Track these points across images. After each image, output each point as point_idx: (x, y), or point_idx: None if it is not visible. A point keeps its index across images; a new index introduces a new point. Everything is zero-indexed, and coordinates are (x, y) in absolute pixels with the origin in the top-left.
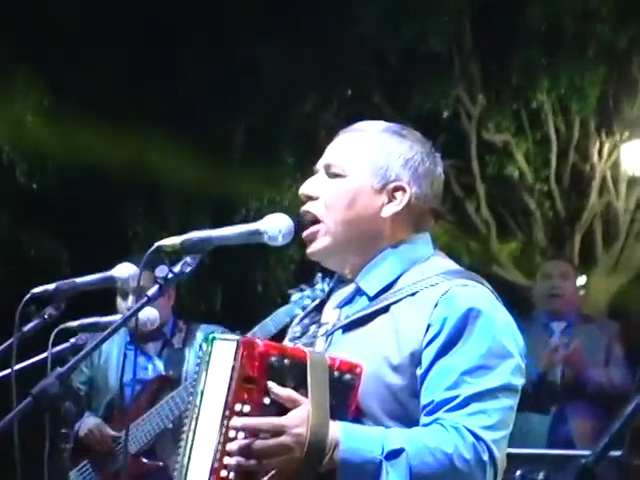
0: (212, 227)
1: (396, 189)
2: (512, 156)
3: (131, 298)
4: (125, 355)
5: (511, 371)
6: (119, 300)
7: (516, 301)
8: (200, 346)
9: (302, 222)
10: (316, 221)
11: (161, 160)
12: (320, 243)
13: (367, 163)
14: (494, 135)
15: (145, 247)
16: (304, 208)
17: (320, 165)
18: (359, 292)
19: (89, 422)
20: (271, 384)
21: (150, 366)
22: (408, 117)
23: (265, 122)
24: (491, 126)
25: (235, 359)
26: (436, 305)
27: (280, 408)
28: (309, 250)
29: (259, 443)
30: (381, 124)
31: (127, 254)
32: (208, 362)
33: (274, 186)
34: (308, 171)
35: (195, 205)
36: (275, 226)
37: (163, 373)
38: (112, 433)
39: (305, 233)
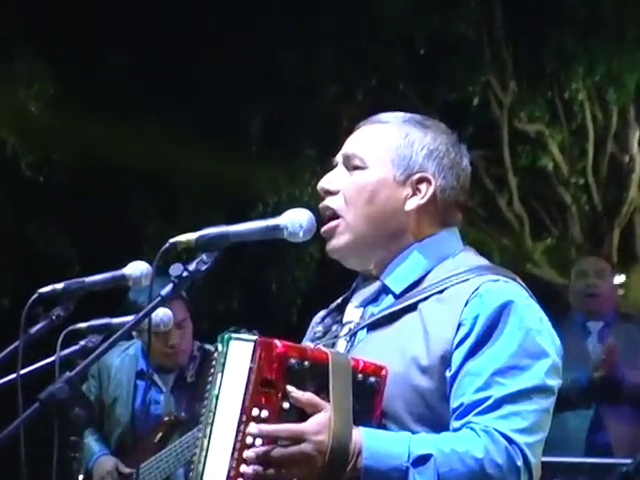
0: (227, 224)
1: (420, 181)
2: (546, 147)
3: None
4: (136, 385)
5: (546, 371)
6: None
7: (551, 301)
8: (215, 347)
9: (322, 218)
10: (335, 216)
11: (174, 153)
12: (340, 240)
13: (389, 154)
14: (527, 125)
15: (157, 244)
16: (323, 203)
17: (339, 158)
18: (384, 290)
19: (104, 465)
20: (290, 388)
21: (162, 398)
22: (435, 106)
23: (284, 112)
24: (523, 115)
25: (252, 361)
26: (467, 303)
27: (300, 413)
28: (328, 247)
29: (278, 451)
30: (403, 115)
31: (138, 251)
32: (224, 364)
33: (293, 180)
34: (329, 164)
35: (209, 200)
36: (296, 221)
37: (174, 412)
38: (125, 471)
39: (323, 229)
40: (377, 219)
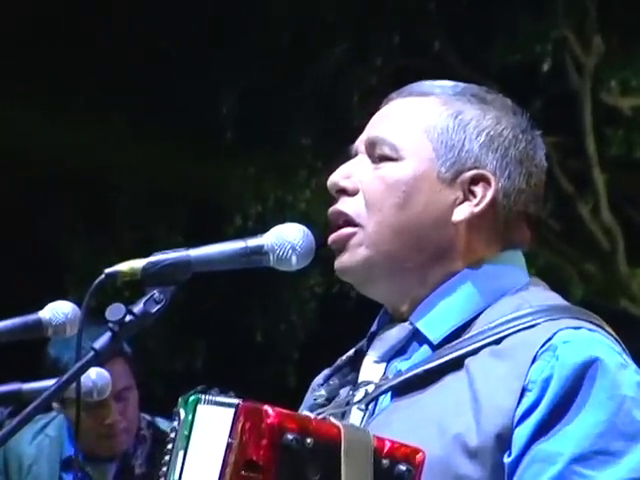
0: (188, 246)
1: (475, 180)
2: None
3: None
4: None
5: None
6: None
7: None
8: (175, 414)
9: (331, 229)
10: (351, 225)
11: (109, 144)
12: (355, 255)
13: (431, 140)
14: (619, 98)
15: (87, 275)
16: (334, 207)
17: (360, 144)
18: (416, 337)
19: None
20: None
21: None
22: (487, 73)
23: (268, 85)
24: (614, 85)
25: (232, 434)
26: (535, 359)
27: None
28: (337, 264)
29: None
30: (454, 85)
31: (60, 285)
32: (188, 437)
33: (283, 181)
34: (334, 157)
35: (162, 212)
36: (286, 241)
37: None
38: None
39: (332, 237)
40: (411, 232)
